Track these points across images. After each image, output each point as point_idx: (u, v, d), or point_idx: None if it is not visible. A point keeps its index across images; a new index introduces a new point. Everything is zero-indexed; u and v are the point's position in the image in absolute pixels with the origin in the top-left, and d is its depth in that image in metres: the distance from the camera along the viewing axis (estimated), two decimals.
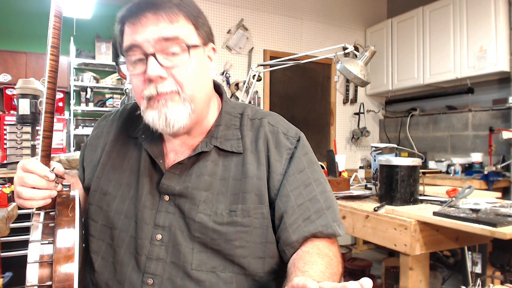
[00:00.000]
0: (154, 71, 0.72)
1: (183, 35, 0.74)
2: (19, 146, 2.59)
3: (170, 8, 0.74)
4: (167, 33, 0.73)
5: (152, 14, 0.73)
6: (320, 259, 0.71)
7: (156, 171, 0.83)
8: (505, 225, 1.20)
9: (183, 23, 0.75)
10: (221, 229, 0.77)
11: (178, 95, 0.75)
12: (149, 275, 0.77)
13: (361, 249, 4.18)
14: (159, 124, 0.75)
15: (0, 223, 1.39)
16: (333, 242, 0.81)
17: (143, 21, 0.73)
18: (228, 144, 0.83)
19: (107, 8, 5.03)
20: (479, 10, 3.25)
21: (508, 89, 3.20)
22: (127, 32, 0.76)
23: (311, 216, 0.79)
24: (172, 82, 0.74)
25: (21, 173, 0.73)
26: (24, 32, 4.88)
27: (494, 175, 2.99)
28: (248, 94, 2.83)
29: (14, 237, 2.38)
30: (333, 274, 0.70)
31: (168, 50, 0.74)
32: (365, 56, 2.03)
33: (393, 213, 1.48)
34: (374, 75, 4.28)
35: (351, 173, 2.41)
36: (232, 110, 0.89)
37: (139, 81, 0.76)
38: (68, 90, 4.93)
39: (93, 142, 0.96)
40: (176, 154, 0.85)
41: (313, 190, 0.81)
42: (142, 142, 0.85)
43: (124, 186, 0.84)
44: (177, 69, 0.74)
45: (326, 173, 2.08)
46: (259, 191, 0.80)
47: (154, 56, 0.73)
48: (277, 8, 4.10)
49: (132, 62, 0.76)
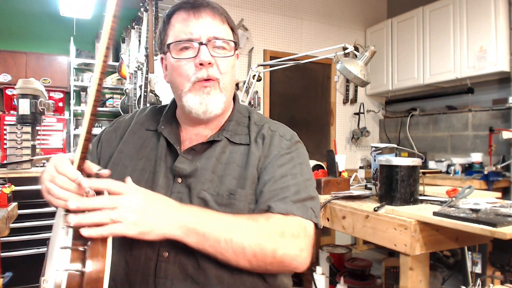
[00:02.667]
0: (206, 57, 0.84)
1: (229, 36, 0.90)
2: (19, 146, 2.59)
3: (221, 13, 0.90)
4: (219, 32, 0.87)
5: (210, 10, 0.87)
6: (246, 218, 0.79)
7: (172, 157, 0.92)
8: (505, 225, 1.20)
9: (228, 28, 0.91)
10: (219, 209, 0.82)
11: (218, 84, 0.87)
12: (164, 249, 0.82)
13: (361, 249, 4.18)
14: (198, 109, 0.87)
15: (0, 223, 1.39)
16: (287, 219, 0.82)
17: (202, 14, 0.86)
18: (237, 137, 0.93)
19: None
20: (479, 10, 3.25)
21: (508, 89, 3.20)
22: (183, 19, 0.87)
23: (274, 198, 0.84)
24: (216, 70, 0.87)
25: (53, 171, 0.73)
26: (24, 32, 4.88)
27: (494, 175, 2.99)
28: (248, 94, 2.83)
29: (14, 237, 2.39)
30: (238, 231, 0.75)
31: (217, 44, 0.87)
32: (365, 56, 2.02)
33: (393, 213, 1.48)
34: (374, 75, 4.28)
35: (351, 173, 2.41)
36: (242, 110, 1.01)
37: (189, 65, 0.86)
38: (68, 90, 4.93)
39: (109, 135, 1.02)
40: (191, 142, 0.94)
41: (287, 181, 0.87)
42: (162, 132, 0.94)
43: (139, 171, 0.90)
44: (221, 60, 0.87)
45: (326, 173, 2.08)
46: (255, 180, 0.88)
47: (206, 45, 0.85)
48: (277, 8, 4.10)
49: (180, 48, 0.87)
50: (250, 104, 3.85)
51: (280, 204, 0.83)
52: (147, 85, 3.29)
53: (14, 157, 2.57)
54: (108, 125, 1.06)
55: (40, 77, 4.65)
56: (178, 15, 0.88)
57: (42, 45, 4.93)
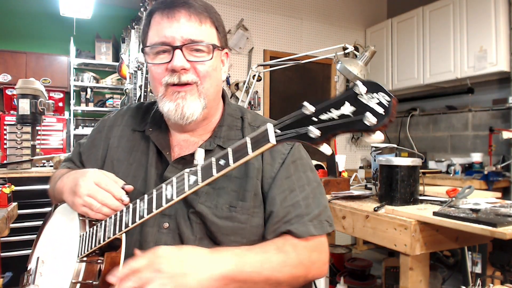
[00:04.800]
0: (179, 62, 0.79)
1: (208, 36, 0.83)
2: (19, 146, 2.59)
3: (201, 11, 0.82)
4: (195, 34, 0.81)
5: (185, 10, 0.81)
6: (276, 252, 0.76)
7: (162, 163, 0.88)
8: (505, 225, 1.20)
9: (209, 26, 0.84)
10: (219, 222, 0.81)
11: (197, 88, 0.82)
12: None
13: (361, 249, 4.17)
14: (174, 116, 0.82)
15: (0, 223, 1.39)
16: (314, 246, 0.82)
17: (176, 15, 0.80)
18: (231, 144, 0.85)
19: (107, 8, 5.03)
20: (479, 10, 3.25)
21: (508, 89, 3.20)
22: (157, 22, 0.82)
23: (291, 220, 0.82)
24: (193, 74, 0.81)
25: (94, 187, 0.77)
26: (24, 32, 4.88)
27: (494, 175, 2.99)
28: (248, 94, 2.83)
29: (14, 237, 2.38)
30: (273, 269, 0.73)
31: (194, 47, 0.81)
32: (365, 56, 2.02)
33: (393, 213, 1.48)
34: (374, 75, 4.28)
35: (351, 173, 2.41)
36: (233, 112, 0.95)
37: (161, 69, 0.82)
38: (68, 90, 4.93)
39: (93, 136, 1.00)
40: (181, 149, 0.89)
41: (296, 196, 0.85)
42: (150, 135, 0.90)
43: (131, 178, 0.87)
44: (200, 64, 0.82)
45: (326, 173, 2.08)
46: (256, 191, 0.84)
47: (181, 49, 0.80)
48: (277, 8, 4.10)
49: (156, 52, 0.82)
50: (250, 104, 3.86)
51: (299, 227, 0.81)
52: (147, 85, 3.28)
53: (14, 157, 2.57)
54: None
55: (40, 77, 4.64)
56: (154, 17, 0.84)
57: (42, 45, 4.92)
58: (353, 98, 0.51)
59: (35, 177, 2.49)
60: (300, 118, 0.56)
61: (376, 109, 0.49)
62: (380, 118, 0.48)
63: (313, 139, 0.54)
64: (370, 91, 0.50)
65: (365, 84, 0.50)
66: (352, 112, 0.51)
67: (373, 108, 0.49)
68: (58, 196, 0.92)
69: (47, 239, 0.95)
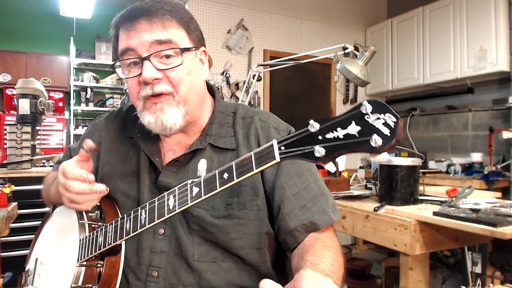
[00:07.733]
0: (149, 74, 0.75)
1: (175, 39, 0.78)
2: (19, 146, 2.58)
3: (162, 15, 0.77)
4: (160, 37, 0.76)
5: (145, 20, 0.77)
6: (327, 251, 0.73)
7: (154, 170, 0.86)
8: (505, 225, 1.20)
9: (176, 28, 0.79)
10: (218, 222, 0.80)
11: (173, 97, 0.78)
12: (153, 268, 0.79)
13: (361, 249, 4.18)
14: (155, 128, 0.79)
15: (0, 223, 1.39)
16: (332, 231, 0.83)
17: (137, 27, 0.77)
18: (222, 141, 0.86)
19: (107, 8, 5.02)
20: (479, 10, 3.25)
21: (508, 89, 3.20)
22: (122, 37, 0.79)
23: (307, 204, 0.81)
24: (167, 83, 0.78)
25: (66, 181, 0.76)
26: (24, 32, 4.88)
27: (494, 175, 2.99)
28: (248, 94, 2.83)
29: (14, 237, 2.38)
30: (340, 266, 0.72)
31: (162, 54, 0.77)
32: (365, 56, 2.02)
33: (393, 213, 1.48)
34: (374, 75, 4.28)
35: (351, 173, 2.41)
36: (224, 109, 0.92)
37: (134, 83, 0.79)
38: (68, 90, 4.93)
39: (84, 140, 0.98)
40: (174, 153, 0.87)
41: (306, 180, 0.84)
42: (138, 141, 0.88)
43: (126, 185, 0.87)
44: (171, 71, 0.77)
45: (326, 173, 2.08)
46: (253, 184, 0.83)
47: (149, 59, 0.76)
48: (277, 8, 4.10)
49: (127, 66, 0.80)
50: (250, 104, 3.86)
51: (322, 216, 0.80)
52: None
53: (14, 157, 2.57)
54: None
55: (40, 77, 4.64)
56: (119, 32, 0.81)
57: (42, 45, 4.92)
58: (359, 117, 0.51)
59: (35, 177, 2.48)
60: (305, 136, 0.56)
61: (382, 130, 0.49)
62: (386, 140, 0.48)
63: (318, 158, 0.54)
64: (376, 111, 0.50)
65: (371, 103, 0.50)
66: (358, 132, 0.50)
67: (379, 129, 0.49)
68: (57, 202, 0.93)
69: (46, 240, 0.95)
